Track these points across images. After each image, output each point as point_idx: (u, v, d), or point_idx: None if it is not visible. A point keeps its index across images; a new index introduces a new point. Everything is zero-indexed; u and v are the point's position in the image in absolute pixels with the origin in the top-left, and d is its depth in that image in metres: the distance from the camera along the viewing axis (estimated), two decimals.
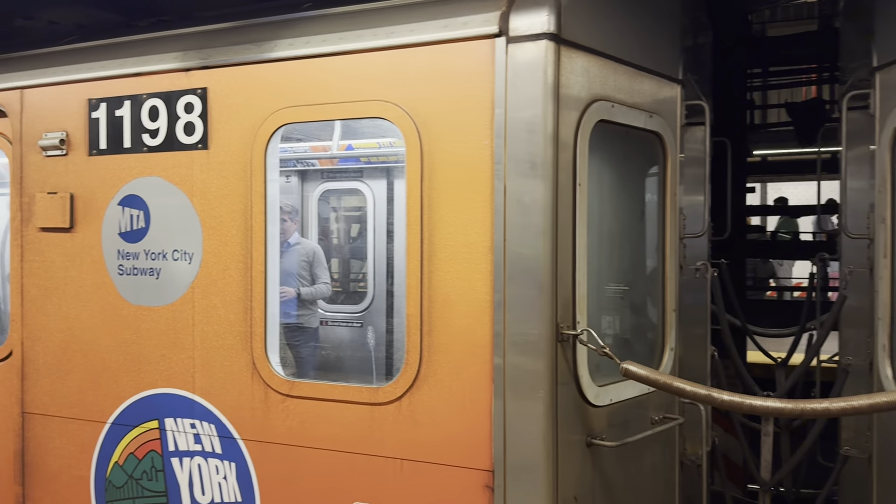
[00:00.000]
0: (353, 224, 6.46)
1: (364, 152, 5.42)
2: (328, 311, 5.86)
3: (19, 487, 3.24)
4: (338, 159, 5.70)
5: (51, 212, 3.14)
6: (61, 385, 3.15)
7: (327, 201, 6.26)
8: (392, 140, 5.17)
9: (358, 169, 5.80)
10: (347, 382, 2.74)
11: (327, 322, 5.86)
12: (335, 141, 5.07)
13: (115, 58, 3.05)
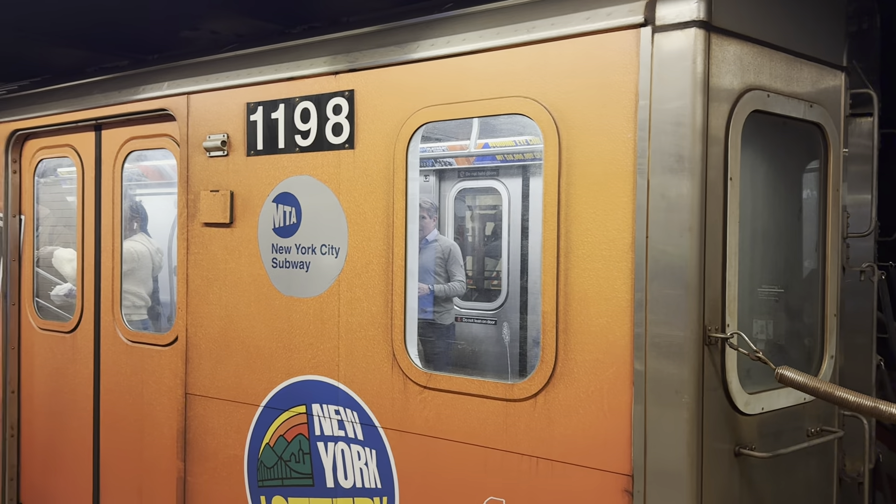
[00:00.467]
0: (487, 222, 6.51)
1: (500, 150, 5.44)
2: (462, 307, 5.95)
3: (181, 463, 3.53)
4: (474, 158, 5.76)
5: (213, 208, 3.40)
6: (220, 369, 3.40)
7: (463, 200, 6.35)
8: (529, 137, 5.16)
9: (494, 167, 5.83)
10: (482, 378, 2.73)
11: (461, 318, 5.95)
12: (473, 139, 5.12)
13: (270, 63, 3.25)
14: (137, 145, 3.89)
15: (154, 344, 3.78)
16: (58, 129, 4.18)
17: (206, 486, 3.42)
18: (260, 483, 3.24)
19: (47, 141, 4.29)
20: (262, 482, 3.23)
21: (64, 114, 4.08)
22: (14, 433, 4.41)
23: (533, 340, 5.20)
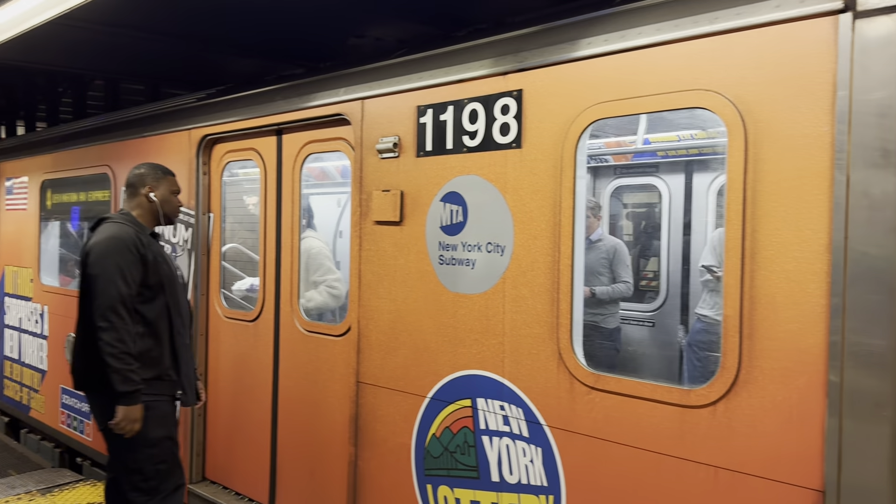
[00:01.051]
0: (645, 220, 6.33)
1: (661, 146, 5.26)
2: (627, 309, 5.80)
3: (353, 448, 3.72)
4: (632, 154, 5.62)
5: (384, 207, 3.55)
6: (389, 360, 3.55)
7: (619, 197, 6.21)
8: (694, 132, 4.95)
9: (653, 164, 5.65)
10: (655, 382, 2.66)
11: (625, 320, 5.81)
12: (640, 135, 4.99)
13: (440, 67, 3.34)
14: (314, 148, 4.14)
15: (328, 334, 4.02)
16: (243, 134, 4.54)
17: (376, 471, 3.59)
18: (427, 472, 3.35)
19: (233, 145, 4.66)
20: (429, 471, 3.34)
21: (249, 120, 4.42)
22: (201, 412, 4.85)
23: (697, 344, 4.99)
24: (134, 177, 3.61)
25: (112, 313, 3.18)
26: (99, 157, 5.71)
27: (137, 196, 3.57)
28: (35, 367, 6.57)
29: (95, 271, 3.24)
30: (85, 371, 3.37)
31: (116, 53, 7.24)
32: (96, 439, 5.72)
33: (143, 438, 3.33)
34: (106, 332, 3.17)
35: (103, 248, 3.28)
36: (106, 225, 3.42)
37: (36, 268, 6.58)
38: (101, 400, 3.33)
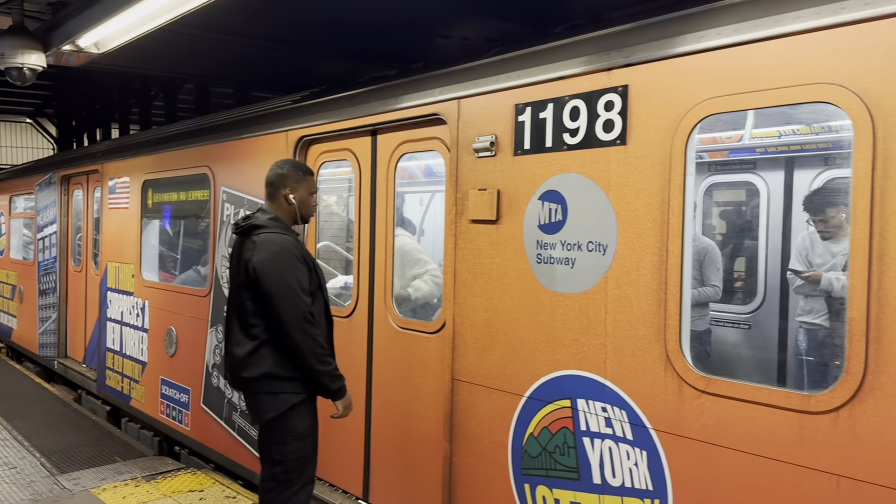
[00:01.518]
0: (741, 219, 6.12)
1: (761, 142, 5.08)
2: (712, 310, 5.64)
3: (448, 444, 3.75)
4: (728, 151, 5.45)
5: (480, 206, 3.56)
6: (485, 358, 3.56)
7: (711, 195, 6.03)
8: (796, 127, 4.75)
9: (751, 160, 5.46)
10: (770, 386, 2.57)
11: (711, 321, 5.64)
12: (747, 131, 4.83)
13: (539, 64, 3.32)
14: (409, 148, 4.19)
15: (421, 331, 4.06)
16: (338, 135, 4.63)
17: (472, 469, 3.61)
18: (524, 471, 3.34)
19: (329, 146, 4.77)
20: (527, 470, 3.33)
21: (344, 121, 4.51)
22: None
23: (794, 348, 4.80)
24: (275, 176, 3.63)
25: (305, 323, 3.33)
26: (198, 158, 5.94)
27: (278, 198, 3.61)
28: (136, 359, 6.91)
29: (275, 289, 3.32)
30: (247, 372, 3.45)
31: (208, 57, 7.53)
32: (194, 429, 5.96)
33: (294, 432, 3.47)
34: (303, 343, 3.33)
35: (278, 265, 3.35)
36: (267, 235, 3.44)
37: (137, 264, 6.91)
38: (260, 399, 3.46)
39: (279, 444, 3.46)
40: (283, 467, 3.48)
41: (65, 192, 8.92)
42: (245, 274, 3.42)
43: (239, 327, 3.47)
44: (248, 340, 3.42)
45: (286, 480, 3.49)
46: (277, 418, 3.44)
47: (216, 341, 5.66)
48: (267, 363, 3.39)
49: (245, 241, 3.52)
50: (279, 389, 3.42)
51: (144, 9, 3.77)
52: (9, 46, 4.48)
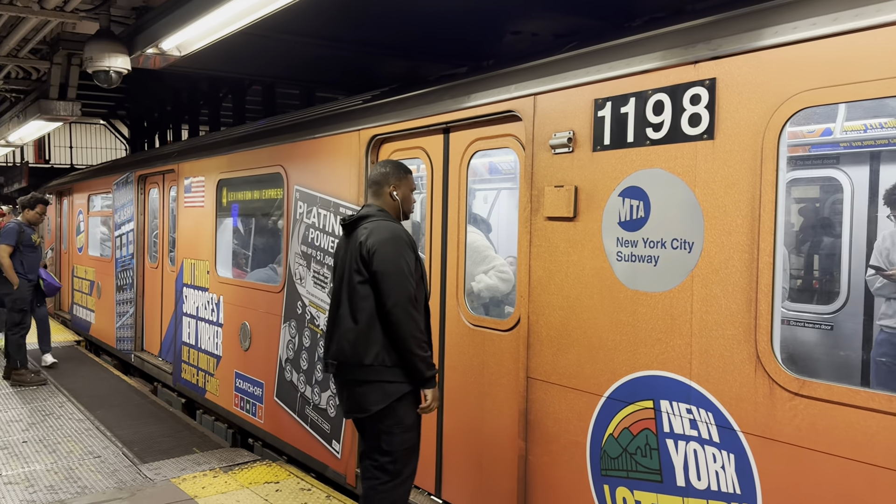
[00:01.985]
0: (822, 215, 5.89)
1: (845, 137, 4.88)
2: (789, 309, 5.46)
3: (523, 443, 3.73)
4: (809, 146, 5.25)
5: (557, 203, 3.53)
6: (561, 357, 3.52)
7: (790, 191, 5.83)
8: (884, 120, 4.55)
9: (834, 155, 5.25)
10: (871, 390, 2.46)
11: (788, 321, 5.47)
12: (839, 124, 4.66)
13: (621, 58, 3.27)
14: (482, 145, 4.18)
15: (494, 328, 4.05)
16: (410, 133, 4.66)
17: (548, 468, 3.58)
18: (603, 472, 3.30)
19: (400, 144, 4.80)
20: (606, 471, 3.29)
21: (416, 119, 4.53)
22: None
23: (885, 355, 4.60)
24: (380, 175, 3.76)
25: (410, 306, 3.44)
26: (272, 158, 6.07)
27: (383, 194, 3.73)
28: (210, 353, 7.11)
29: (386, 268, 3.44)
30: (356, 358, 3.52)
31: (276, 58, 7.67)
32: (267, 421, 6.10)
33: (401, 423, 3.53)
34: (405, 324, 3.43)
35: (391, 247, 3.48)
36: (378, 222, 3.59)
37: (212, 260, 7.11)
38: (368, 388, 3.52)
39: (388, 435, 3.52)
40: (391, 457, 3.53)
41: (141, 190, 9.25)
42: (358, 257, 3.51)
43: (350, 313, 3.53)
44: (357, 326, 3.50)
45: (394, 471, 3.54)
46: (386, 408, 3.49)
47: (289, 336, 5.78)
48: (375, 349, 3.46)
49: (353, 232, 3.64)
50: (386, 378, 3.49)
51: (224, 13, 3.87)
52: (97, 50, 4.66)
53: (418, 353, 3.47)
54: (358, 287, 3.51)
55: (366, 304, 3.49)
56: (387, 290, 3.43)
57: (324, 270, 5.36)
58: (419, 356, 3.48)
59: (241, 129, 7.28)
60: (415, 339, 3.45)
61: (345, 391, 3.65)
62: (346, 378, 3.60)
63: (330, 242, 5.29)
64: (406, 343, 3.44)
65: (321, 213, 5.41)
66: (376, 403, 3.49)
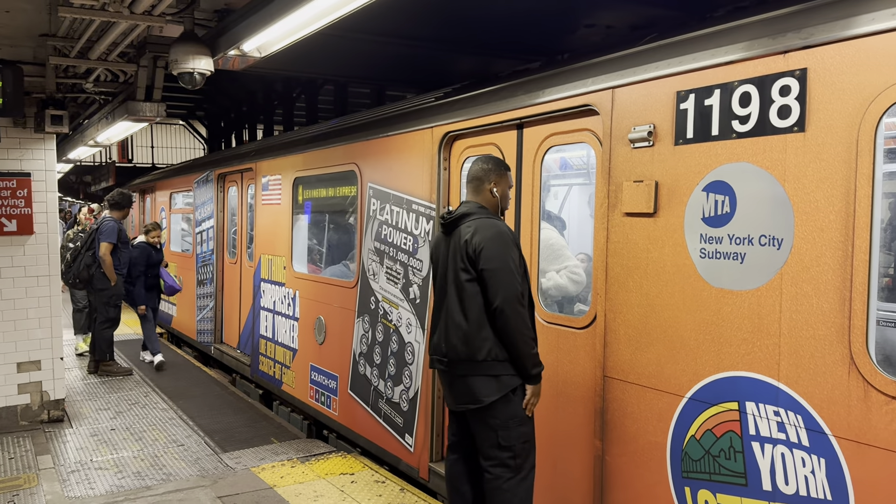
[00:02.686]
0: None
1: None
2: (884, 310, 5.19)
3: (599, 442, 3.68)
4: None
5: (636, 198, 3.46)
6: (640, 355, 3.46)
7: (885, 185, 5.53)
8: None
9: None
10: None
11: (880, 322, 5.20)
12: None
13: (704, 49, 3.17)
14: (556, 141, 4.14)
15: (569, 326, 4.01)
16: (483, 130, 4.66)
17: (626, 469, 3.53)
18: (684, 474, 3.22)
19: (473, 141, 4.80)
20: (687, 473, 3.21)
21: (489, 115, 4.53)
22: (440, 394, 5.07)
23: None
24: (481, 171, 3.75)
25: (517, 303, 3.46)
26: (346, 156, 6.18)
27: (483, 191, 3.75)
28: (287, 346, 7.30)
29: (493, 266, 3.47)
30: (468, 353, 3.54)
31: (348, 58, 7.79)
32: (341, 414, 6.22)
33: (516, 416, 3.56)
34: (513, 320, 3.45)
35: (497, 245, 3.50)
36: (483, 220, 3.61)
37: (288, 256, 7.29)
38: (479, 381, 3.53)
39: (504, 430, 3.54)
40: (511, 452, 3.55)
41: (221, 188, 9.57)
42: (464, 255, 3.55)
43: (459, 310, 3.57)
44: (468, 323, 3.53)
45: (515, 466, 3.57)
46: (498, 402, 3.51)
47: (362, 331, 5.88)
48: (488, 345, 3.50)
49: (455, 230, 3.67)
50: (499, 372, 3.52)
51: (303, 15, 3.94)
52: (181, 53, 4.82)
53: (525, 349, 3.49)
54: (466, 285, 3.54)
55: (475, 302, 3.52)
56: (495, 288, 3.45)
57: (396, 266, 5.42)
58: (526, 353, 3.49)
59: (315, 128, 7.43)
60: (522, 335, 3.47)
61: (455, 385, 3.66)
62: (457, 373, 3.61)
63: (402, 239, 5.35)
64: (514, 340, 3.47)
65: (394, 209, 5.47)
66: (490, 395, 3.51)
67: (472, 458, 3.80)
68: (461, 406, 3.65)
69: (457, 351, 3.57)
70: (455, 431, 3.86)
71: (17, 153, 6.50)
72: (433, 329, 3.77)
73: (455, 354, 3.58)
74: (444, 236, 3.76)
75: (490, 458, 3.60)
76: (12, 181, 6.41)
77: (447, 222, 3.71)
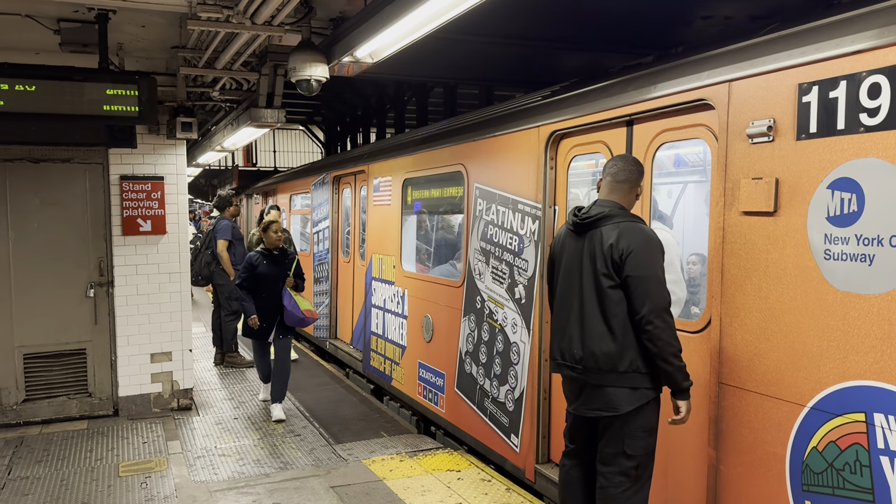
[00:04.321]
0: None
1: None
2: None
3: (713, 451, 3.54)
4: None
5: (755, 196, 3.30)
6: (758, 362, 3.29)
7: None
8: None
9: None
10: None
11: None
12: None
13: (829, 38, 2.99)
14: (668, 137, 4.02)
15: (682, 330, 3.86)
16: (590, 128, 4.59)
17: (742, 479, 3.37)
18: (805, 487, 3.05)
19: (580, 139, 4.74)
20: (808, 486, 3.03)
21: (597, 113, 4.45)
22: (546, 397, 5.04)
23: None
24: (631, 172, 3.61)
25: (666, 314, 3.34)
26: (453, 157, 6.26)
27: (631, 193, 3.61)
28: (396, 343, 7.48)
29: (642, 273, 3.33)
30: (611, 364, 3.43)
31: (457, 59, 7.88)
32: (448, 411, 6.31)
33: (646, 426, 3.49)
34: (664, 332, 3.29)
35: (647, 252, 3.38)
36: (630, 224, 3.46)
37: (398, 256, 7.47)
38: (618, 392, 3.43)
39: (631, 439, 3.46)
40: (634, 462, 3.48)
41: (336, 190, 9.93)
42: (609, 259, 3.40)
43: (600, 317, 3.43)
44: (611, 332, 3.39)
45: (636, 476, 3.50)
46: (633, 412, 3.42)
47: (468, 330, 5.93)
48: (630, 355, 3.37)
49: (590, 230, 3.51)
50: (639, 385, 3.40)
51: (413, 19, 4.03)
52: (299, 61, 5.06)
53: (675, 362, 3.33)
54: (609, 291, 3.38)
55: (619, 310, 3.36)
56: (642, 297, 3.29)
57: (502, 266, 5.43)
58: (676, 366, 3.33)
59: (423, 130, 7.57)
60: (672, 347, 3.31)
61: (587, 392, 3.54)
62: (592, 381, 3.48)
63: (508, 239, 5.35)
64: (663, 353, 3.30)
65: (500, 209, 5.49)
66: (630, 404, 3.39)
67: (589, 465, 3.73)
68: (595, 413, 3.51)
69: (596, 359, 3.42)
70: (573, 438, 3.78)
71: (151, 158, 7.03)
72: (559, 332, 3.64)
73: (594, 363, 3.44)
74: (575, 235, 3.60)
75: (611, 465, 3.51)
76: (147, 184, 6.94)
77: (582, 221, 3.55)
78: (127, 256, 6.96)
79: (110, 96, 5.43)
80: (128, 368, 7.03)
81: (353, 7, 5.17)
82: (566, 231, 3.70)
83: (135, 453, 5.95)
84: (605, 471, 3.54)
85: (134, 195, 6.89)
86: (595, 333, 3.43)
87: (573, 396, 3.66)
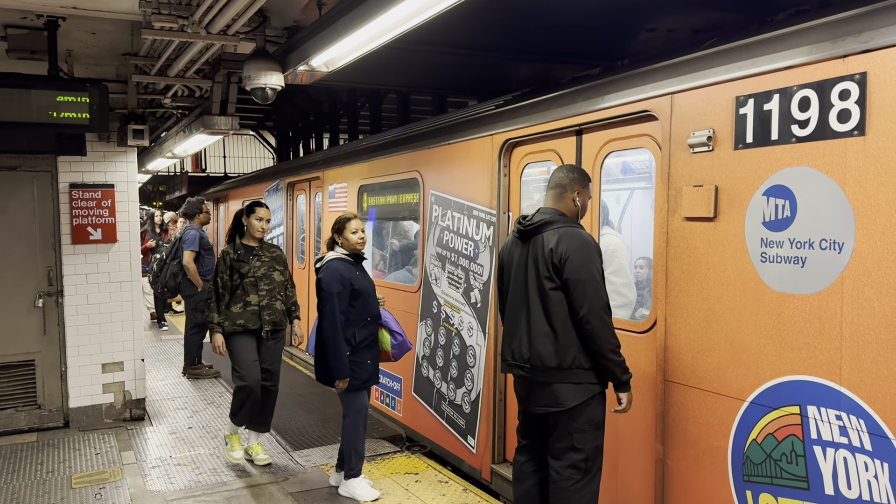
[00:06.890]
0: None
1: None
2: None
3: (660, 446, 3.71)
4: None
5: (696, 203, 3.48)
6: (701, 360, 3.48)
7: None
8: None
9: None
10: None
11: None
12: None
13: (763, 54, 3.19)
14: (615, 146, 4.19)
15: (629, 330, 4.04)
16: (542, 137, 4.74)
17: (687, 472, 3.55)
18: (745, 477, 3.23)
19: (532, 147, 4.89)
20: (749, 477, 3.22)
21: (548, 122, 4.60)
22: (501, 398, 5.17)
23: None
24: (566, 178, 3.76)
25: (604, 313, 3.49)
26: (409, 164, 6.35)
27: (565, 198, 3.77)
28: None
29: (582, 276, 3.49)
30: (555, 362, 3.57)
31: (411, 68, 7.97)
32: (406, 415, 6.38)
33: (593, 421, 3.63)
34: (602, 330, 3.46)
35: (584, 254, 3.52)
36: (567, 229, 3.62)
37: None
38: (562, 388, 3.57)
39: (580, 434, 3.60)
40: (583, 455, 3.62)
41: (290, 196, 9.91)
42: (549, 263, 3.55)
43: (544, 318, 3.58)
44: (554, 332, 3.55)
45: (585, 469, 3.63)
46: (579, 407, 3.56)
47: (425, 334, 6.02)
48: (573, 352, 3.52)
49: (534, 237, 3.67)
50: (583, 379, 3.55)
51: (369, 31, 4.11)
52: (254, 69, 5.09)
53: (614, 358, 3.52)
54: (550, 293, 3.54)
55: (560, 310, 3.52)
56: (580, 298, 3.46)
57: (458, 271, 5.54)
58: (615, 361, 3.52)
59: (379, 137, 7.64)
60: (610, 344, 3.49)
61: (535, 390, 3.69)
62: (539, 379, 3.63)
63: (464, 244, 5.47)
64: (602, 350, 3.48)
65: (455, 215, 5.60)
66: (574, 399, 3.54)
67: (541, 460, 3.87)
68: (543, 409, 3.67)
69: (542, 358, 3.58)
70: (525, 434, 3.93)
71: (101, 166, 6.93)
72: (509, 334, 3.79)
73: (539, 361, 3.59)
74: (520, 242, 3.77)
75: (561, 460, 3.66)
76: (97, 192, 6.84)
77: (526, 229, 3.73)
78: (77, 265, 6.84)
79: (60, 103, 5.36)
80: (78, 379, 6.90)
81: (307, 17, 5.23)
82: (512, 238, 3.88)
83: (88, 465, 5.85)
84: (556, 465, 3.69)
85: (84, 203, 6.78)
86: (540, 333, 3.60)
87: (524, 394, 3.82)
